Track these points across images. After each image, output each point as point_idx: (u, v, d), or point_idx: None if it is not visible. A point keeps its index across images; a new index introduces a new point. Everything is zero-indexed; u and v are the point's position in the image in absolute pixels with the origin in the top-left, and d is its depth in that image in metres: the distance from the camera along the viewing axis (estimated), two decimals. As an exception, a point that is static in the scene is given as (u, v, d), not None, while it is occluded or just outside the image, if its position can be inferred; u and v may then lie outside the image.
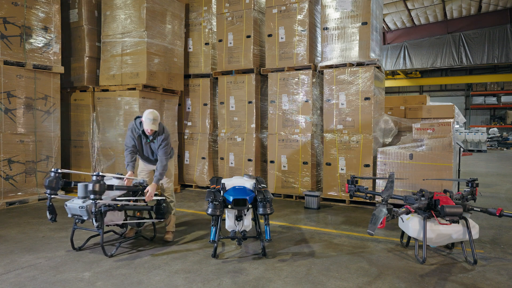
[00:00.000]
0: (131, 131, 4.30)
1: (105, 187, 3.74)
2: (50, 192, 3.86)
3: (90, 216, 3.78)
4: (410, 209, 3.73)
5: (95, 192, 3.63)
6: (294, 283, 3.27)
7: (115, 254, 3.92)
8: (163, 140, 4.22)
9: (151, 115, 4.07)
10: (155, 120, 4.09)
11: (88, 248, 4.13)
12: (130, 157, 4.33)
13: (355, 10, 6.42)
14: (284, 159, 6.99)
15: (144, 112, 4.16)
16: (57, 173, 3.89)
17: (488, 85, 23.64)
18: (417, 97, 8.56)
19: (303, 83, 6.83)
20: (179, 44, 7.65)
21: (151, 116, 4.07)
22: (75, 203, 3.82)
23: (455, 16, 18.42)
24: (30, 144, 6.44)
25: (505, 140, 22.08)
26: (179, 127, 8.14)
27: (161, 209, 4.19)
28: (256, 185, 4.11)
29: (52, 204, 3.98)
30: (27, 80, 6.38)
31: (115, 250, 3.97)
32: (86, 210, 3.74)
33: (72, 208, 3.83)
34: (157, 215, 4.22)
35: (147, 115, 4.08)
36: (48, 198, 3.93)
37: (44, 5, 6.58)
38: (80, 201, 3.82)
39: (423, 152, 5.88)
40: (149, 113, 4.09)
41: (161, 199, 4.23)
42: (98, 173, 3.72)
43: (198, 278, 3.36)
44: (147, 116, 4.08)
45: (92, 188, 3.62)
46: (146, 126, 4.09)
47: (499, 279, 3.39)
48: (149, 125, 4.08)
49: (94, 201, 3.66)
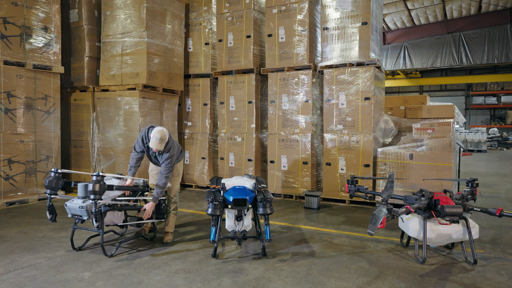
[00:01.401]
0: (141, 138, 4.23)
1: (105, 187, 3.74)
2: (50, 192, 3.86)
3: (90, 216, 3.78)
4: (410, 209, 3.73)
5: (95, 192, 3.63)
6: (294, 283, 3.27)
7: (115, 254, 3.92)
8: (167, 159, 4.11)
9: (159, 134, 3.95)
10: (162, 140, 3.97)
11: (88, 248, 4.13)
12: (134, 162, 4.28)
13: (355, 10, 6.42)
14: (284, 159, 6.99)
15: (154, 129, 4.04)
16: (57, 173, 3.89)
17: (488, 85, 23.64)
18: (417, 97, 8.56)
19: (303, 83, 6.83)
20: (179, 44, 7.65)
21: (159, 135, 3.95)
22: (75, 203, 3.82)
23: (455, 16, 18.42)
24: (30, 144, 6.44)
25: (505, 140, 22.08)
26: (179, 127, 8.14)
27: (161, 209, 4.20)
28: (256, 185, 4.11)
29: (52, 204, 3.98)
30: (27, 80, 6.38)
31: (115, 250, 3.97)
32: (86, 210, 3.74)
33: (72, 208, 3.84)
34: (157, 215, 4.23)
35: (155, 133, 3.96)
36: (48, 198, 3.93)
37: (44, 5, 6.58)
38: (80, 201, 3.82)
39: (423, 152, 5.88)
40: (157, 132, 3.97)
41: (162, 199, 4.23)
42: (98, 173, 3.71)
43: (198, 278, 3.36)
44: (155, 135, 3.96)
45: (92, 188, 3.63)
46: (151, 144, 4.00)
47: (499, 279, 3.39)
48: (155, 144, 3.97)
49: (94, 201, 3.66)
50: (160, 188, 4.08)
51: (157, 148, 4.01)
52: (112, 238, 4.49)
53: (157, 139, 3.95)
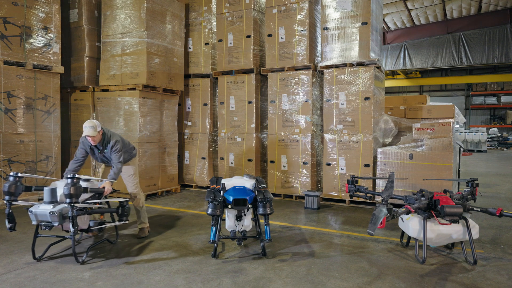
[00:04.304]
0: (82, 143, 4.35)
1: (82, 190, 3.53)
2: (10, 199, 3.55)
3: (61, 222, 3.48)
4: (410, 209, 3.73)
5: (71, 196, 3.41)
6: (294, 283, 3.27)
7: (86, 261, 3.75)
8: (112, 147, 4.28)
9: (89, 123, 4.12)
10: (93, 127, 4.09)
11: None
12: (73, 166, 4.30)
13: (355, 10, 6.42)
14: (284, 159, 6.99)
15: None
16: (17, 177, 3.64)
17: (488, 85, 23.64)
18: (417, 97, 8.56)
19: (303, 83, 6.83)
20: (179, 44, 7.65)
21: (89, 124, 4.12)
22: (43, 209, 3.48)
23: (455, 16, 18.42)
24: (30, 144, 6.44)
25: (505, 140, 22.08)
26: (179, 127, 8.14)
27: (125, 210, 4.08)
28: (256, 185, 4.11)
29: (11, 211, 3.61)
30: (27, 80, 6.38)
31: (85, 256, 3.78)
32: (57, 216, 3.43)
33: (39, 214, 3.48)
34: (121, 216, 4.09)
35: (86, 123, 4.14)
36: (7, 205, 3.56)
37: (44, 5, 6.58)
38: (49, 206, 3.50)
39: (423, 152, 5.88)
40: (88, 122, 4.16)
41: (124, 200, 4.14)
42: (74, 175, 3.51)
43: (198, 278, 3.36)
44: (86, 125, 4.13)
45: (68, 192, 3.40)
46: (86, 133, 4.10)
47: (499, 279, 3.39)
48: (88, 131, 4.08)
49: (71, 205, 3.42)
50: (116, 172, 4.24)
51: (89, 134, 4.09)
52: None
53: (88, 127, 4.09)
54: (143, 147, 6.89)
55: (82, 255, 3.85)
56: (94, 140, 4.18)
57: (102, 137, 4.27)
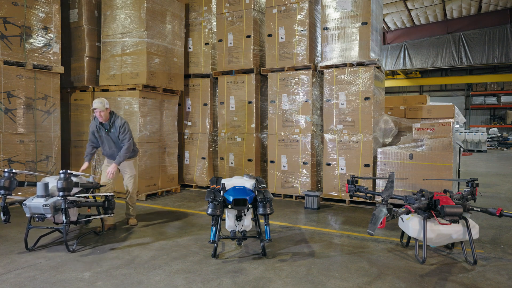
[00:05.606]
0: (90, 127, 4.89)
1: (73, 184, 3.87)
2: (5, 193, 3.89)
3: (53, 213, 3.84)
4: (410, 209, 3.73)
5: (64, 189, 3.76)
6: (294, 283, 3.27)
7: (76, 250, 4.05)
8: (121, 127, 4.68)
9: (99, 99, 4.63)
10: (101, 102, 4.59)
11: (88, 247, 4.13)
12: (90, 149, 4.92)
13: (355, 10, 6.42)
14: (284, 159, 6.99)
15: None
16: (12, 173, 3.98)
17: (488, 85, 23.64)
18: (417, 97, 8.56)
19: (303, 83, 6.83)
20: (179, 44, 7.65)
21: (99, 100, 4.61)
22: (37, 202, 3.83)
23: (455, 16, 18.43)
24: (30, 144, 6.44)
25: (505, 140, 22.09)
26: (179, 127, 8.14)
27: (110, 204, 4.35)
28: (256, 185, 4.11)
29: (6, 205, 3.95)
30: (27, 80, 6.38)
31: (75, 245, 4.12)
32: (50, 208, 3.78)
33: (33, 207, 3.83)
34: (107, 210, 4.35)
35: (96, 99, 4.63)
36: (3, 198, 3.92)
37: (44, 5, 6.58)
38: (42, 199, 3.85)
39: (423, 152, 5.88)
40: (97, 98, 4.66)
41: (110, 195, 4.38)
42: (66, 171, 3.86)
43: (198, 278, 3.36)
44: (95, 100, 4.61)
45: (61, 185, 3.75)
46: (95, 105, 4.57)
47: (499, 279, 3.39)
48: (96, 104, 4.57)
49: (63, 197, 3.76)
50: (124, 154, 4.69)
51: (99, 108, 4.58)
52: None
53: (98, 102, 4.60)
54: (143, 147, 6.89)
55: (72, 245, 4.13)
56: (101, 115, 4.60)
57: (110, 116, 4.72)
